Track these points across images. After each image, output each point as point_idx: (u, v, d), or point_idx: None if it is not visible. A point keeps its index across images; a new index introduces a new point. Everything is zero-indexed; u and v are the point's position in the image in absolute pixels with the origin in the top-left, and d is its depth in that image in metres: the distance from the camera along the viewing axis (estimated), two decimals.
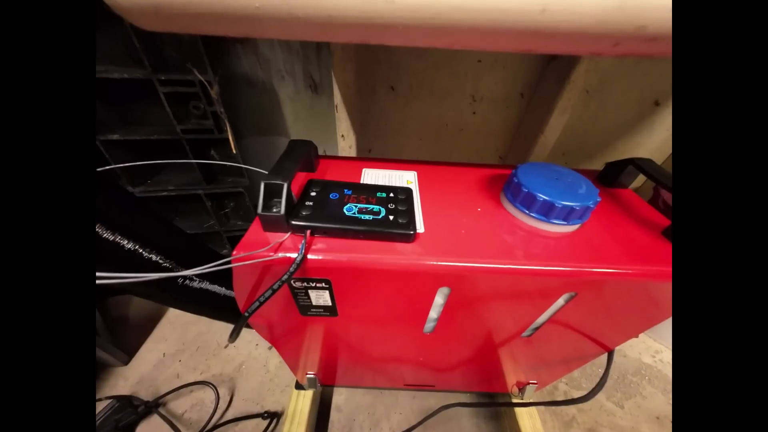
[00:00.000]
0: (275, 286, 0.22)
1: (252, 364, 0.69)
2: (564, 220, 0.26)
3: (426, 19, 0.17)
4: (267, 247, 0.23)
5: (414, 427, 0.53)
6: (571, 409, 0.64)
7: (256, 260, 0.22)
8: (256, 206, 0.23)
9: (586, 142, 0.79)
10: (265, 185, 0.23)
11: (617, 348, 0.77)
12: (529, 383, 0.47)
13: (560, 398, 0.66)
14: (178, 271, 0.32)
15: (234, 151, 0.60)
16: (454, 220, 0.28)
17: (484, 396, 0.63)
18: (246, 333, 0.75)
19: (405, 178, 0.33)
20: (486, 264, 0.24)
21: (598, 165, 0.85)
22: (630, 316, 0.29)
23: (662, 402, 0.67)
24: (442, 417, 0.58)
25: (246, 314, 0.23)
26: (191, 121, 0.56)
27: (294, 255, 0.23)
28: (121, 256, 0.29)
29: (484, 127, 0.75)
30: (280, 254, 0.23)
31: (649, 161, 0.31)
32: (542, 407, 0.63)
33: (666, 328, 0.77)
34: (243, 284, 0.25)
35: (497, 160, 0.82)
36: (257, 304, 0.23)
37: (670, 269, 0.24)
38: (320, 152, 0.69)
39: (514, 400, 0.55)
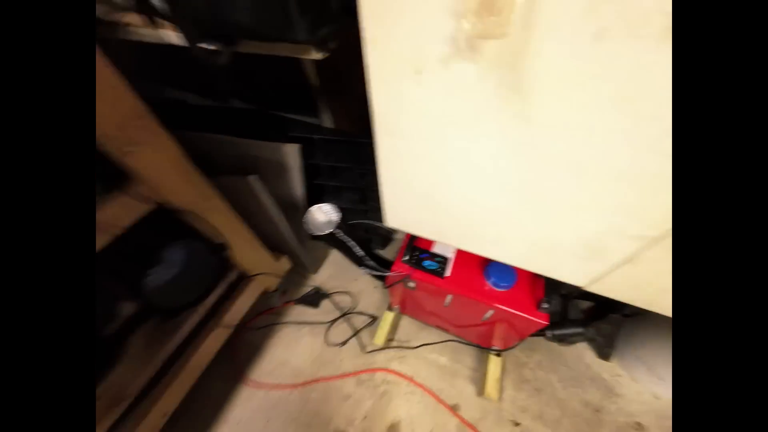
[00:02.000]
0: (402, 280, 0.82)
1: (366, 293, 1.41)
2: (497, 287, 0.76)
3: None
4: (401, 272, 0.83)
5: (434, 343, 1.14)
6: (529, 375, 1.11)
7: (397, 273, 0.82)
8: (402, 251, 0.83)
9: None
10: (407, 249, 0.82)
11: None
12: (494, 346, 0.99)
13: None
14: (365, 256, 0.96)
15: None
16: (460, 274, 0.81)
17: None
18: (367, 280, 1.46)
19: (450, 250, 0.86)
20: (461, 293, 0.77)
21: None
22: (509, 329, 0.77)
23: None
24: (452, 347, 1.16)
25: (393, 284, 0.85)
26: (365, 181, 1.18)
27: (408, 274, 0.82)
28: (343, 246, 0.95)
29: None
30: (403, 273, 0.82)
31: None
32: (508, 365, 1.12)
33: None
34: (391, 276, 0.86)
35: None
36: (396, 281, 0.83)
37: (520, 315, 0.72)
38: None
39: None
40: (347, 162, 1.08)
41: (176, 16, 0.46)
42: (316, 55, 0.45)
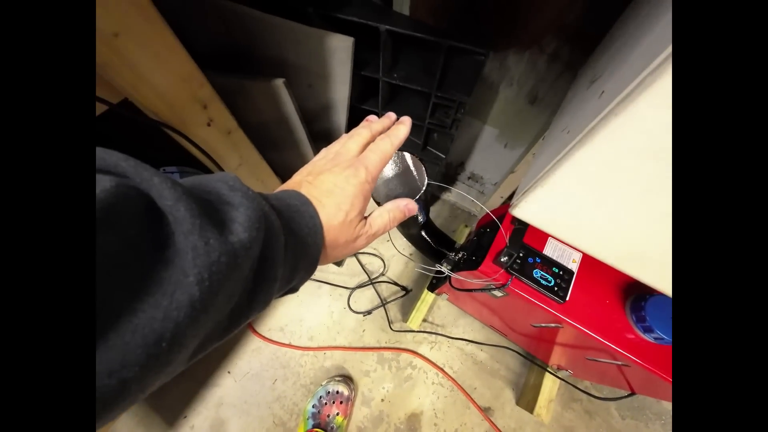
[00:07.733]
0: (492, 291, 0.53)
1: (398, 259, 1.16)
2: (650, 337, 0.46)
3: None
4: (497, 279, 0.53)
5: (482, 344, 0.93)
6: (582, 396, 0.93)
7: (489, 280, 0.53)
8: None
9: None
10: (505, 250, 0.51)
11: None
12: (567, 370, 0.77)
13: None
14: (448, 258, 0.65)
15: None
16: (587, 300, 0.51)
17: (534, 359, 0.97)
18: (401, 243, 1.20)
19: (572, 257, 0.55)
20: (594, 335, 0.49)
21: None
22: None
23: None
24: (500, 351, 0.96)
25: (472, 290, 0.56)
26: (435, 117, 0.80)
27: (502, 284, 0.52)
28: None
29: None
30: (500, 281, 0.53)
31: None
32: (563, 386, 0.93)
33: None
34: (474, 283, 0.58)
35: None
36: (478, 288, 0.55)
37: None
38: (503, 143, 0.88)
39: (549, 370, 0.87)
40: (422, 75, 0.68)
41: None
42: None
